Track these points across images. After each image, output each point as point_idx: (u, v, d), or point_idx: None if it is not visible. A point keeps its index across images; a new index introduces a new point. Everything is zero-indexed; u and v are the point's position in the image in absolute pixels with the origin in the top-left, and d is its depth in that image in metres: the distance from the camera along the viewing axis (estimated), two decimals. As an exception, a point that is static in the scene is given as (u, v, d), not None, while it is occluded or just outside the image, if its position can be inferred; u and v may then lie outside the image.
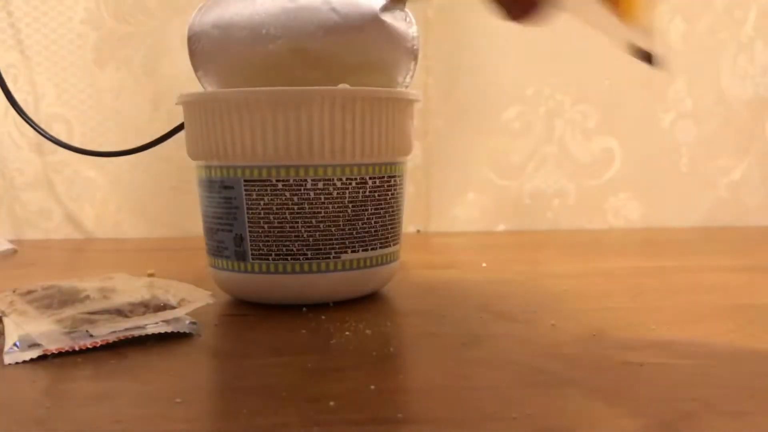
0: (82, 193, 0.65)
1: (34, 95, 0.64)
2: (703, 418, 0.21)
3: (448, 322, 0.32)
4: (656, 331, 0.30)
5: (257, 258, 0.34)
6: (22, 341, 0.28)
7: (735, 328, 0.30)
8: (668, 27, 0.65)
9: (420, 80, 0.64)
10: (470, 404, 0.22)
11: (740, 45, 0.65)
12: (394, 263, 0.37)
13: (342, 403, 0.22)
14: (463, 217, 0.66)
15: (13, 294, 0.35)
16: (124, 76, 0.64)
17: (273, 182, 0.33)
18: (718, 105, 0.66)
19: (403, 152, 0.36)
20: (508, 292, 0.39)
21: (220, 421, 0.22)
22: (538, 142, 0.66)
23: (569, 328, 0.31)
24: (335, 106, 0.33)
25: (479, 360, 0.27)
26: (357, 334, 0.30)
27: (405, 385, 0.25)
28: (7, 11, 0.63)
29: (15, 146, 0.64)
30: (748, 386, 0.24)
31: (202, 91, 0.36)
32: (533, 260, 0.49)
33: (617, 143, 0.66)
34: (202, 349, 0.29)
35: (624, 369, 0.25)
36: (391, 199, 0.36)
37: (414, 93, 0.36)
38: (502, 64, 0.64)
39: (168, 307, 0.33)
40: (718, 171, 0.67)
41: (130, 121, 0.64)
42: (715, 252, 0.54)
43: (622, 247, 0.57)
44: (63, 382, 0.25)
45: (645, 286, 0.39)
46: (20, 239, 0.64)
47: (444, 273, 0.46)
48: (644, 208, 0.67)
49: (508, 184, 0.66)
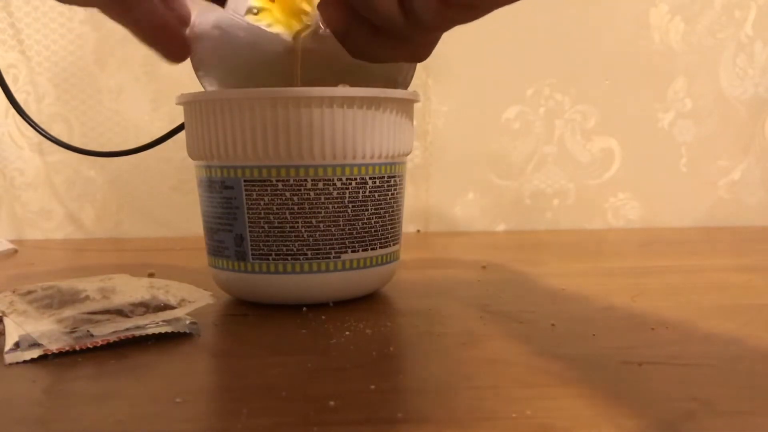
0: (82, 193, 0.65)
1: (35, 95, 0.64)
2: (703, 418, 0.21)
3: (448, 322, 0.32)
4: (656, 331, 0.30)
5: (257, 258, 0.34)
6: (23, 341, 0.28)
7: (735, 328, 0.30)
8: (668, 27, 0.65)
9: (420, 80, 0.64)
10: (470, 404, 0.22)
11: (740, 45, 0.65)
12: (394, 263, 0.37)
13: (342, 403, 0.22)
14: (463, 217, 0.66)
15: (13, 294, 0.35)
16: (124, 76, 0.64)
17: (273, 182, 0.33)
18: (717, 105, 0.66)
19: (403, 152, 0.36)
20: (508, 292, 0.39)
21: (220, 421, 0.22)
22: (538, 142, 0.66)
23: (569, 328, 0.31)
24: (335, 106, 0.33)
25: (479, 360, 0.27)
26: (357, 334, 0.30)
27: (405, 385, 0.25)
28: (7, 11, 0.63)
29: (15, 146, 0.64)
30: (748, 386, 0.24)
31: (202, 91, 0.36)
32: (533, 260, 0.49)
33: (617, 143, 0.66)
34: (202, 349, 0.29)
35: (624, 369, 0.25)
36: (391, 199, 0.36)
37: (414, 93, 0.36)
38: (501, 65, 0.65)
39: (168, 307, 0.33)
40: (718, 171, 0.67)
41: (130, 121, 0.64)
42: (715, 252, 0.54)
43: (622, 247, 0.57)
44: (63, 382, 0.25)
45: (645, 286, 0.39)
46: (20, 239, 0.64)
47: (444, 273, 0.46)
48: (644, 208, 0.67)
49: (508, 184, 0.66)
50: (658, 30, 0.65)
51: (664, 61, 0.65)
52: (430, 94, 0.65)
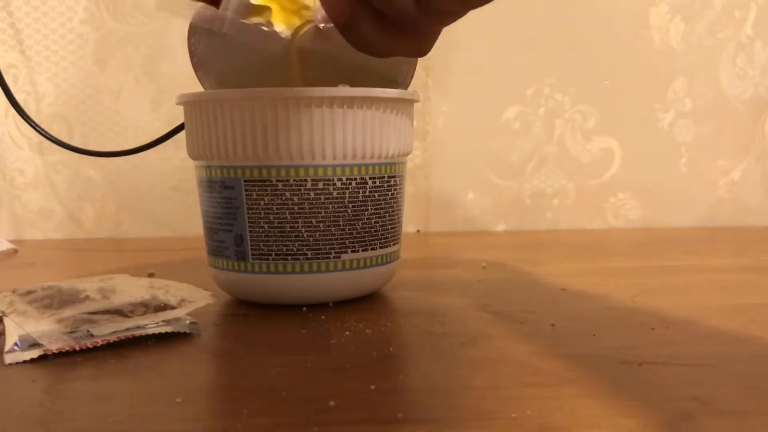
0: (82, 193, 0.65)
1: (35, 95, 0.64)
2: (703, 418, 0.21)
3: (448, 322, 0.32)
4: (656, 331, 0.30)
5: (257, 258, 0.34)
6: (23, 341, 0.28)
7: (735, 328, 0.30)
8: (668, 27, 0.65)
9: (420, 80, 0.64)
10: (470, 404, 0.22)
11: (740, 45, 0.65)
12: (394, 263, 0.37)
13: (342, 403, 0.22)
14: (463, 217, 0.66)
15: (13, 294, 0.35)
16: (124, 76, 0.64)
17: (273, 182, 0.33)
18: (717, 105, 0.66)
19: (403, 152, 0.36)
20: (508, 292, 0.39)
21: (220, 421, 0.22)
22: (538, 142, 0.66)
23: (569, 328, 0.31)
24: (335, 106, 0.33)
25: (479, 360, 0.27)
26: (357, 334, 0.30)
27: (405, 385, 0.25)
28: (7, 11, 0.63)
29: (15, 146, 0.64)
30: (748, 386, 0.24)
31: (202, 91, 0.36)
32: (533, 260, 0.49)
33: (617, 143, 0.66)
34: (202, 349, 0.29)
35: (624, 369, 0.25)
36: (391, 199, 0.36)
37: (414, 93, 0.36)
38: (501, 65, 0.65)
39: (168, 307, 0.33)
40: (718, 171, 0.67)
41: (130, 121, 0.64)
42: (714, 252, 0.54)
43: (622, 247, 0.57)
44: (63, 382, 0.25)
45: (645, 286, 0.39)
46: (20, 239, 0.64)
47: (444, 273, 0.46)
48: (644, 208, 0.67)
49: (508, 184, 0.66)
50: (658, 30, 0.65)
51: (664, 61, 0.65)
52: (430, 94, 0.65)
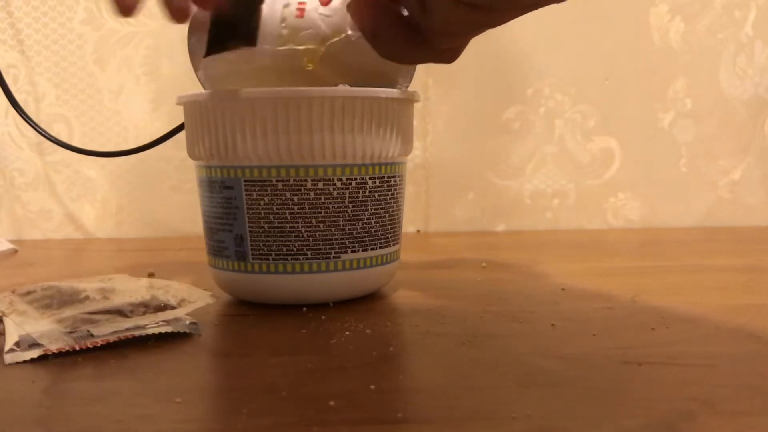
0: (82, 193, 0.65)
1: (35, 95, 0.64)
2: (703, 418, 0.21)
3: (448, 322, 0.32)
4: (656, 331, 0.30)
5: (257, 258, 0.34)
6: (23, 341, 0.28)
7: (735, 328, 0.30)
8: (668, 27, 0.65)
9: (420, 80, 0.64)
10: (470, 404, 0.22)
11: (740, 45, 0.65)
12: (394, 263, 0.37)
13: (342, 403, 0.22)
14: (463, 217, 0.66)
15: (13, 294, 0.35)
16: (124, 76, 0.64)
17: (273, 182, 0.33)
18: (717, 105, 0.66)
19: (403, 152, 0.36)
20: (508, 292, 0.39)
21: (220, 421, 0.22)
22: (538, 142, 0.66)
23: (569, 328, 0.31)
24: (335, 106, 0.33)
25: (479, 360, 0.27)
26: (357, 334, 0.30)
27: (405, 385, 0.25)
28: (7, 11, 0.63)
29: (15, 146, 0.64)
30: (748, 386, 0.24)
31: (202, 91, 0.36)
32: (533, 260, 0.49)
33: (617, 143, 0.66)
34: (202, 349, 0.29)
35: (624, 369, 0.25)
36: (391, 199, 0.36)
37: (414, 93, 0.36)
38: (502, 65, 0.65)
39: (168, 307, 0.33)
40: (718, 171, 0.67)
41: (130, 121, 0.64)
42: (715, 252, 0.54)
43: (622, 247, 0.57)
44: (63, 382, 0.25)
45: (645, 286, 0.39)
46: (20, 239, 0.64)
47: (444, 273, 0.46)
48: (644, 208, 0.67)
49: (508, 184, 0.66)
50: (658, 30, 0.65)
51: (664, 61, 0.65)
52: (430, 94, 0.65)
